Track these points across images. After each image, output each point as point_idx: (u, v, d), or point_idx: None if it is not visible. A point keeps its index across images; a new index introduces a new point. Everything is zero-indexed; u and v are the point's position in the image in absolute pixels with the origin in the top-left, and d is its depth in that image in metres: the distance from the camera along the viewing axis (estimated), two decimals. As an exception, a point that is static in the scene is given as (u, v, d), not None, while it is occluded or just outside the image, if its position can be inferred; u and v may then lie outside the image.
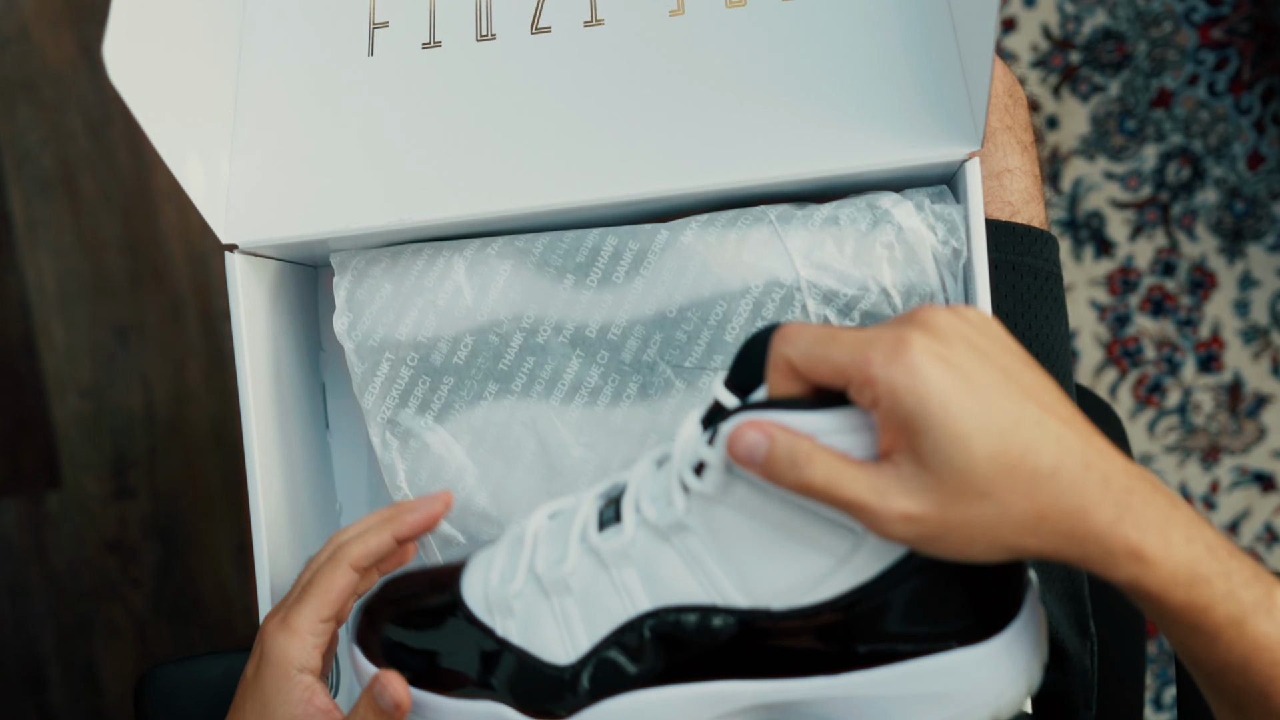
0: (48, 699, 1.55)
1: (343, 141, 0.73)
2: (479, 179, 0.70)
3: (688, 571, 0.53)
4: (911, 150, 0.67)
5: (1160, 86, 1.53)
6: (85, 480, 1.56)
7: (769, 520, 0.51)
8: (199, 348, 1.57)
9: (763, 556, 0.52)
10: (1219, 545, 0.49)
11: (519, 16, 0.75)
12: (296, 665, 0.60)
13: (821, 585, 0.51)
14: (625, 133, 0.70)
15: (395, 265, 0.73)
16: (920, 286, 0.69)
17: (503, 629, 0.57)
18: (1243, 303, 1.52)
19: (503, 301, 0.73)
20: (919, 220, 0.69)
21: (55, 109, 1.56)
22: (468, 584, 0.60)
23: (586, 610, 0.56)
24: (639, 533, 0.55)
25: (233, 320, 0.70)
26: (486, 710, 0.58)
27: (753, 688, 0.54)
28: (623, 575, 0.55)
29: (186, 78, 0.69)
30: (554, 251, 0.72)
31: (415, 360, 0.74)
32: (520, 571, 0.58)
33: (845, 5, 0.72)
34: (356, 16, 0.76)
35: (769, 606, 0.52)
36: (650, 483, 0.55)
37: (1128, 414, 1.53)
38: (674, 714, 0.55)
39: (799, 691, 0.54)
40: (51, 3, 1.57)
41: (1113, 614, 0.90)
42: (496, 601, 0.58)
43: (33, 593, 1.55)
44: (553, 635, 0.56)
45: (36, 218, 1.57)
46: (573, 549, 0.56)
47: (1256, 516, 1.53)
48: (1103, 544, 0.47)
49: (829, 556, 0.51)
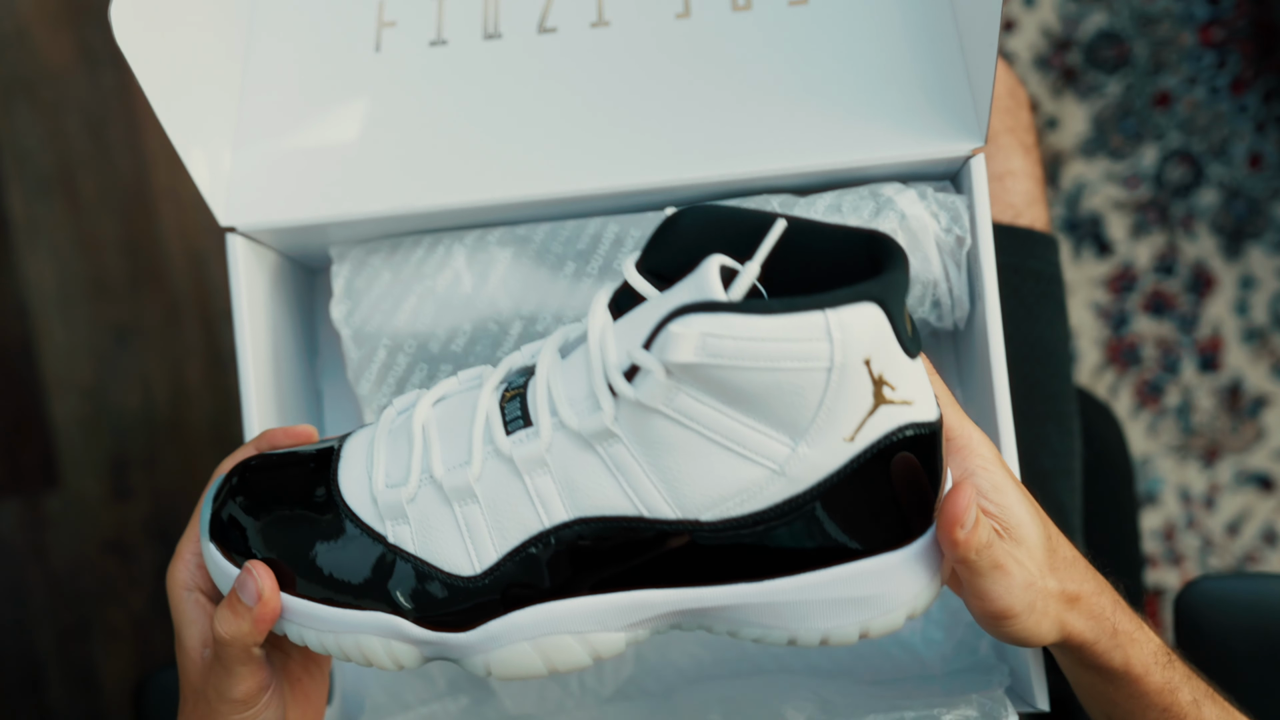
0: (46, 700, 1.55)
1: (347, 132, 0.73)
2: (482, 169, 0.70)
3: (612, 481, 0.51)
4: (916, 146, 0.67)
5: (1160, 87, 1.53)
6: (84, 481, 1.56)
7: (706, 430, 0.49)
8: (199, 348, 1.57)
9: (696, 468, 0.50)
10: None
11: (526, 17, 0.75)
12: (184, 585, 0.60)
13: (755, 497, 0.50)
14: (629, 127, 0.70)
15: (395, 254, 0.73)
16: (923, 274, 0.69)
17: (394, 536, 0.54)
18: (1242, 303, 1.52)
19: (502, 290, 0.72)
20: (922, 208, 0.68)
21: (54, 109, 1.56)
22: (345, 480, 0.56)
23: (495, 519, 0.53)
24: (556, 437, 0.52)
25: (233, 302, 0.70)
26: (376, 621, 0.54)
27: (671, 595, 0.53)
28: (537, 484, 0.52)
29: (194, 54, 0.69)
30: (555, 239, 0.72)
31: (413, 347, 0.73)
32: (414, 474, 0.54)
33: (849, 8, 0.72)
34: (364, 15, 0.76)
35: (698, 518, 0.51)
36: (562, 380, 0.52)
37: (1127, 414, 1.53)
38: (587, 624, 0.53)
39: (718, 598, 0.53)
40: (50, 3, 1.57)
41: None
42: (387, 507, 0.54)
43: (32, 594, 1.55)
44: (455, 545, 0.53)
45: (35, 218, 1.57)
46: (477, 452, 0.53)
47: (1256, 517, 1.53)
48: (1112, 623, 0.58)
49: (764, 468, 0.50)
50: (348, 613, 0.55)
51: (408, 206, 0.70)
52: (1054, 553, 0.57)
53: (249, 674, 0.58)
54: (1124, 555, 1.00)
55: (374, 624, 0.55)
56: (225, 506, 0.57)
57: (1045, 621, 0.56)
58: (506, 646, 0.54)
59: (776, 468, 0.50)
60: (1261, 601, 0.81)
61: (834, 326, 0.46)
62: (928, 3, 0.71)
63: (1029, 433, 0.83)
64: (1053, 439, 0.85)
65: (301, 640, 0.56)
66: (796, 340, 0.47)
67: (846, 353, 0.47)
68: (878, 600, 0.52)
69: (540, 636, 0.53)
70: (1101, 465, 0.98)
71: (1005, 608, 0.54)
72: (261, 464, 0.58)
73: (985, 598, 0.54)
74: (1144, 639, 0.59)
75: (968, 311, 0.70)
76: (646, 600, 0.53)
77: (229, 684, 0.58)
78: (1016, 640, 0.56)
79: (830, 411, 0.49)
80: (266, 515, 0.56)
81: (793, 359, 0.47)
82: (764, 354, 0.47)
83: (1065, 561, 0.57)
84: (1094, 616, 0.57)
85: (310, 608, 0.55)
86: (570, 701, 0.75)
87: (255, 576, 0.55)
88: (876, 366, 0.48)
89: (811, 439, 0.49)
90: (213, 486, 0.59)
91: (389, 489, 0.55)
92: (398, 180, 0.71)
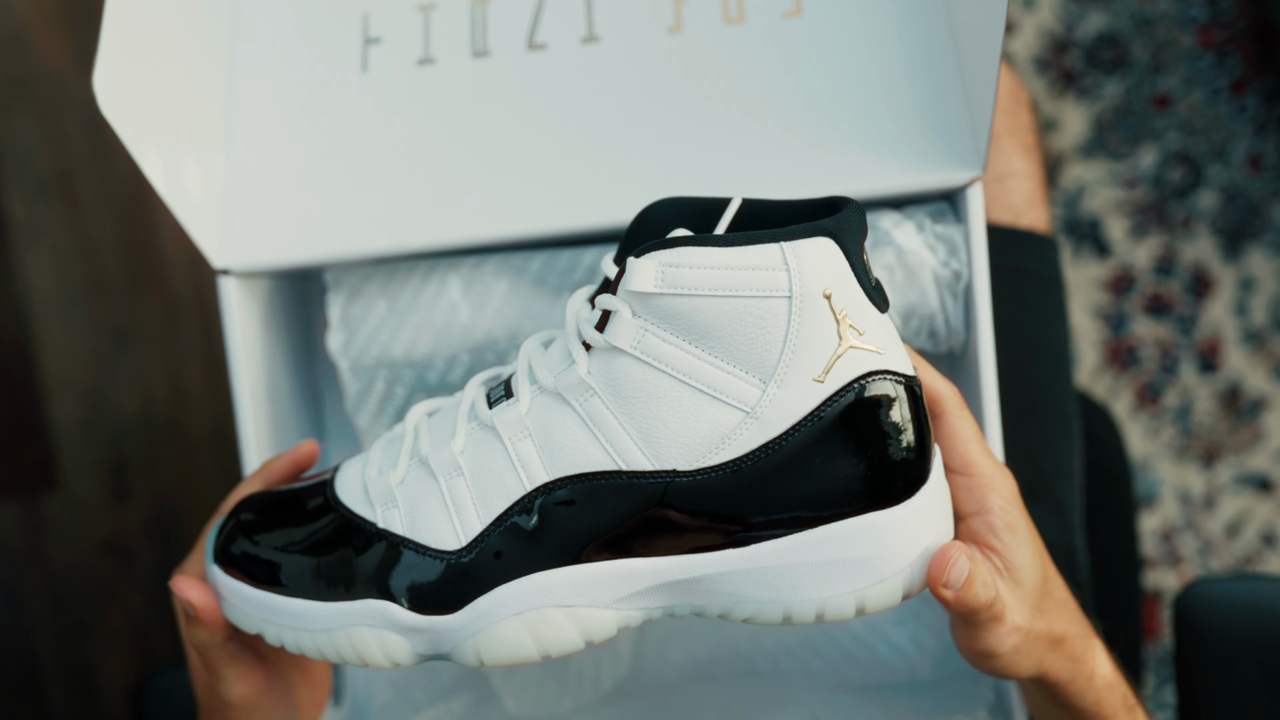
0: (45, 701, 1.55)
1: (336, 162, 0.72)
2: (474, 200, 0.69)
3: (589, 436, 0.52)
4: (913, 174, 0.66)
5: (1159, 88, 1.53)
6: (83, 482, 1.56)
7: (676, 371, 0.51)
8: (197, 351, 1.57)
9: (668, 412, 0.51)
10: None
11: (514, 33, 0.74)
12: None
13: (729, 442, 0.51)
14: (622, 152, 0.69)
15: (390, 282, 0.73)
16: (920, 308, 0.68)
17: (384, 520, 0.55)
18: (1242, 305, 1.52)
19: (499, 319, 0.71)
20: (919, 241, 0.68)
21: (53, 111, 1.56)
22: (342, 483, 0.58)
23: (479, 488, 0.54)
24: (535, 401, 0.53)
25: (227, 342, 0.70)
26: (367, 610, 0.55)
27: (658, 564, 0.53)
28: (518, 448, 0.53)
29: (177, 103, 0.69)
30: (550, 270, 0.71)
31: (411, 378, 0.73)
32: (403, 458, 0.56)
33: (845, 20, 0.71)
34: (349, 32, 0.75)
35: (676, 467, 0.52)
36: (543, 357, 0.55)
37: (1126, 416, 1.53)
38: (576, 596, 0.54)
39: (706, 566, 0.53)
40: (49, 5, 1.57)
41: (1108, 617, 0.91)
42: (377, 493, 0.56)
43: (31, 595, 1.55)
44: (441, 520, 0.55)
45: (34, 220, 1.57)
46: (461, 427, 0.55)
47: (1256, 518, 1.53)
48: (1090, 666, 0.60)
49: (736, 409, 0.51)
50: (337, 605, 0.56)
51: (400, 245, 0.69)
52: (1048, 595, 0.58)
53: (238, 676, 0.62)
54: (1122, 557, 1.01)
55: (364, 612, 0.55)
56: (233, 543, 0.59)
57: (1027, 661, 0.57)
58: (495, 625, 0.54)
59: (748, 409, 0.51)
60: (1260, 603, 0.81)
61: (790, 256, 0.49)
62: (926, 24, 0.70)
63: (1030, 433, 0.83)
64: (1054, 439, 0.86)
65: (279, 641, 0.57)
66: (754, 269, 0.49)
67: (804, 282, 0.49)
68: (870, 563, 0.53)
69: (528, 611, 0.54)
70: (1100, 467, 0.98)
71: (989, 649, 0.56)
72: (261, 502, 0.61)
73: (973, 638, 0.56)
74: (1116, 684, 0.62)
75: (964, 339, 0.69)
76: (633, 570, 0.53)
77: (223, 688, 0.62)
78: (994, 673, 0.58)
79: (795, 348, 0.50)
80: (266, 534, 0.58)
81: (752, 288, 0.49)
82: (723, 283, 0.49)
83: (1057, 604, 0.59)
84: (1074, 659, 0.59)
85: (300, 605, 0.56)
86: (569, 701, 0.76)
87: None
88: (838, 303, 0.50)
89: (780, 378, 0.50)
90: (218, 522, 0.61)
91: (380, 476, 0.56)
92: (389, 215, 0.70)
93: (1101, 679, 0.61)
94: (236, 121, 0.74)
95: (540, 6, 0.74)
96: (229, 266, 0.70)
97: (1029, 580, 0.57)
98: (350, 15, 0.75)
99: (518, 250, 0.73)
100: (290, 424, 0.77)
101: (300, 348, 0.80)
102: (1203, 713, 0.82)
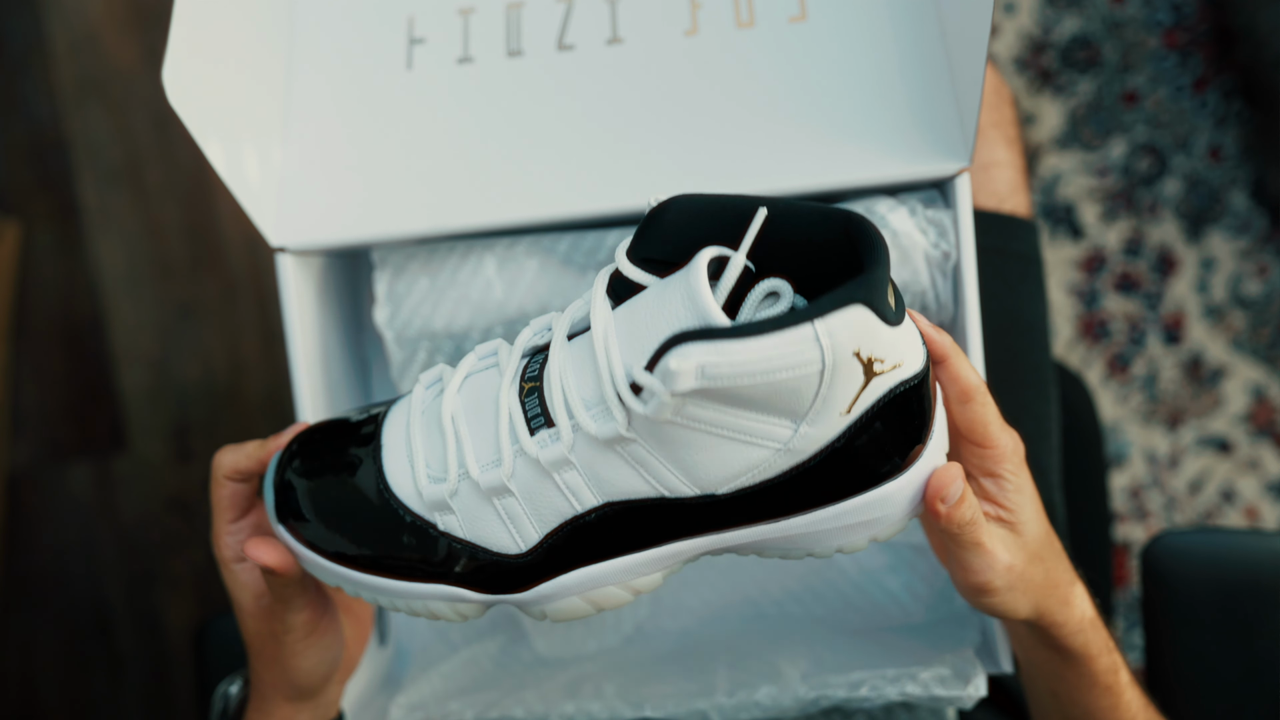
0: (116, 644, 1.56)
1: (384, 151, 0.72)
2: (508, 186, 0.70)
3: (633, 472, 0.51)
4: (906, 165, 0.66)
5: (1128, 86, 1.53)
6: (150, 444, 1.57)
7: (715, 428, 0.49)
8: (254, 325, 1.57)
9: (708, 457, 0.50)
10: None
11: (545, 35, 0.74)
12: (229, 560, 0.63)
13: (764, 471, 0.51)
14: (642, 143, 0.69)
15: (431, 261, 0.73)
16: (913, 285, 0.68)
17: (444, 525, 0.55)
18: (1203, 283, 1.52)
19: (530, 295, 0.72)
20: (912, 225, 0.68)
21: (122, 107, 1.56)
22: (391, 472, 0.56)
23: (532, 507, 0.53)
24: (577, 439, 0.51)
25: (284, 313, 0.70)
26: (440, 592, 0.56)
27: (700, 542, 0.54)
28: (565, 479, 0.52)
29: (239, 97, 0.69)
30: (577, 250, 0.71)
31: (450, 348, 0.73)
32: (451, 471, 0.54)
33: (847, 26, 0.71)
34: (396, 33, 0.75)
35: (715, 492, 0.51)
36: (574, 374, 0.52)
37: (1098, 384, 1.53)
38: (627, 576, 0.54)
39: (740, 539, 0.54)
40: (118, 9, 1.57)
41: (1083, 566, 0.91)
42: (432, 502, 0.55)
43: (102, 548, 1.56)
44: (500, 531, 0.54)
45: (106, 206, 1.57)
46: (506, 452, 0.53)
47: (1216, 477, 1.53)
48: (1081, 610, 0.61)
49: (771, 448, 0.50)
50: (413, 585, 0.56)
51: (440, 227, 0.69)
52: (1048, 546, 0.59)
53: (305, 604, 0.62)
54: (1095, 511, 1.01)
55: (438, 594, 0.56)
56: (287, 493, 0.59)
57: (1023, 600, 0.58)
58: (559, 600, 0.55)
59: (781, 447, 0.50)
60: (1219, 554, 0.82)
61: (822, 334, 0.46)
62: (918, 28, 0.70)
63: (1012, 399, 0.83)
64: (1033, 405, 0.86)
65: (375, 602, 0.58)
66: (789, 354, 0.46)
67: (836, 354, 0.46)
68: (882, 521, 0.54)
69: (588, 590, 0.55)
70: (1074, 430, 0.98)
71: (985, 583, 0.57)
72: (311, 438, 0.60)
73: (968, 570, 0.57)
74: (1100, 627, 0.63)
75: (952, 313, 0.70)
76: (679, 549, 0.54)
77: (290, 615, 0.62)
78: (992, 612, 0.59)
79: (826, 399, 0.48)
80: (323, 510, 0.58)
81: (787, 368, 0.46)
82: (759, 370, 0.46)
83: (1055, 554, 0.60)
84: (1067, 603, 0.60)
85: (379, 582, 0.57)
86: (594, 642, 0.76)
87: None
88: (865, 352, 0.48)
89: (811, 419, 0.49)
90: (271, 469, 0.60)
91: (431, 484, 0.55)
92: (430, 199, 0.70)
93: (1090, 621, 0.61)
94: (293, 113, 0.74)
95: (569, 10, 0.74)
96: (285, 245, 0.70)
97: (1031, 532, 0.58)
98: (396, 18, 0.75)
99: (547, 232, 0.73)
100: (341, 390, 0.77)
101: (350, 320, 0.80)
102: (1168, 653, 0.82)
